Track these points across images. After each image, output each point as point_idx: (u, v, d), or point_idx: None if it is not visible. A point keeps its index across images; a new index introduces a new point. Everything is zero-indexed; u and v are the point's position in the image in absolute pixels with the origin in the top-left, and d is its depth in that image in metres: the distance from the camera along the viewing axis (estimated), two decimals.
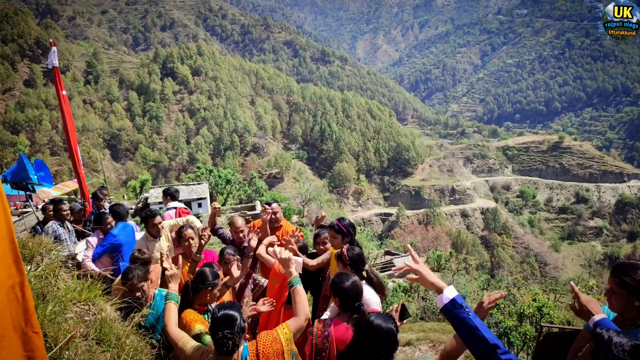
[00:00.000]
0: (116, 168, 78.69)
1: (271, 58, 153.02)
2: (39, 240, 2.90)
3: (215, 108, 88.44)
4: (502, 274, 55.47)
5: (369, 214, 78.84)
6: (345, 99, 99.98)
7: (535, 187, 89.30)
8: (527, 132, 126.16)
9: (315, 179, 78.86)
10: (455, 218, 78.62)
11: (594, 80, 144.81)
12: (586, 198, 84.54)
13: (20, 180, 6.15)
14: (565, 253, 73.31)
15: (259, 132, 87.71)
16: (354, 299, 2.64)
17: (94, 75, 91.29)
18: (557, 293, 10.27)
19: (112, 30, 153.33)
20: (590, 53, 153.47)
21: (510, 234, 75.11)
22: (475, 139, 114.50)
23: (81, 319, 2.21)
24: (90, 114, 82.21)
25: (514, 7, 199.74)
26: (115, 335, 2.20)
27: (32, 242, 2.84)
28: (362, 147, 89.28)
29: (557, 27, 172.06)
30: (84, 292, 2.45)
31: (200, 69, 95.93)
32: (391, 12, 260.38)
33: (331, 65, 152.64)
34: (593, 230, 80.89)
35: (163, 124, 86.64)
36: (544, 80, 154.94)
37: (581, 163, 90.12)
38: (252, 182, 51.73)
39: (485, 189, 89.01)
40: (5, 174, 6.49)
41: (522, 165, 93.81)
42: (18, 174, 6.15)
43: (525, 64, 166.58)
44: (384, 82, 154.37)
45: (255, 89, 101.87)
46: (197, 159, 75.27)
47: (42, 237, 3.04)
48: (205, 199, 35.58)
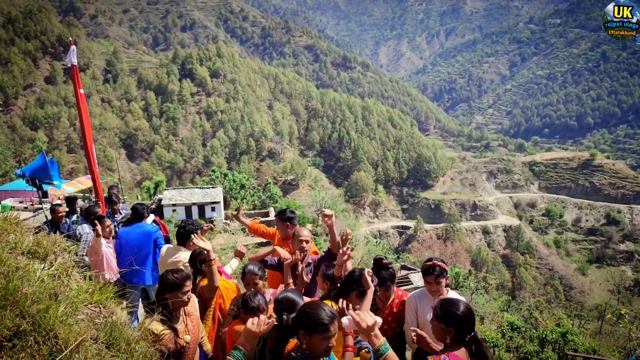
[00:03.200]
0: (131, 168, 79.14)
1: (291, 62, 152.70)
2: (54, 239, 2.90)
3: (233, 111, 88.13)
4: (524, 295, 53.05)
5: (385, 226, 77.19)
6: (366, 106, 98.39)
7: (563, 206, 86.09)
8: (556, 147, 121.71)
9: (331, 188, 77.72)
10: (476, 234, 76.26)
11: (630, 95, 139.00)
12: (617, 220, 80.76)
13: (39, 178, 6.34)
14: (593, 277, 69.67)
15: (276, 137, 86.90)
16: (471, 328, 2.38)
17: (112, 74, 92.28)
18: (583, 319, 9.80)
19: (133, 30, 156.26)
20: (627, 67, 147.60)
21: (534, 254, 72.25)
22: (500, 152, 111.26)
23: (92, 322, 2.21)
24: (108, 113, 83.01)
25: (546, 16, 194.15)
26: (125, 340, 2.18)
27: (47, 240, 2.83)
28: (382, 157, 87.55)
29: (592, 39, 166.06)
30: (96, 294, 2.44)
31: (219, 71, 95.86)
32: (416, 19, 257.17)
33: (352, 71, 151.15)
34: (624, 254, 76.80)
35: (180, 126, 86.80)
36: (577, 94, 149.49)
37: (613, 183, 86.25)
38: (267, 187, 51.52)
39: (508, 206, 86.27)
40: (23, 170, 6.65)
41: (549, 182, 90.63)
42: (38, 171, 6.35)
43: (557, 76, 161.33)
44: (406, 91, 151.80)
45: (273, 93, 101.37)
46: (212, 162, 75.08)
47: (56, 236, 3.00)
48: (219, 203, 35.32)
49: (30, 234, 2.92)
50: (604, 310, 15.84)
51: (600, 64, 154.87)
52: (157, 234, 5.11)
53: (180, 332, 2.91)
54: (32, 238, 2.76)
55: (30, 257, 2.60)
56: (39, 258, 2.61)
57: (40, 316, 1.81)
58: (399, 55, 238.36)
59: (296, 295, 2.74)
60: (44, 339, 1.76)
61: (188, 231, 4.25)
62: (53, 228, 5.38)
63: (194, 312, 3.15)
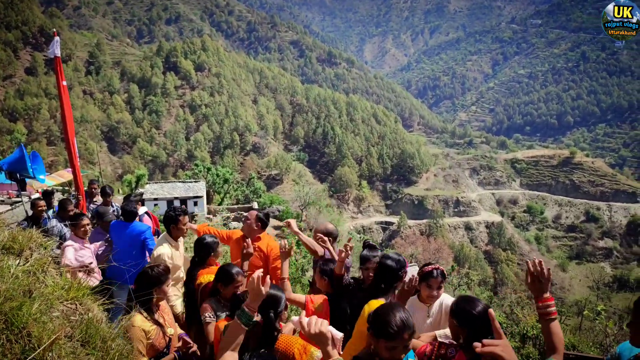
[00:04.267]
0: (112, 161, 77.65)
1: (276, 57, 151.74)
2: (30, 234, 2.79)
3: (217, 105, 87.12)
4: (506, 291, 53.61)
5: (369, 222, 77.18)
6: (350, 102, 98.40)
7: (544, 202, 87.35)
8: (538, 145, 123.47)
9: (315, 183, 77.49)
10: (458, 231, 76.91)
11: (608, 95, 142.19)
12: (597, 217, 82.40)
13: (17, 171, 6.24)
14: (573, 273, 70.73)
15: (260, 132, 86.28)
16: (487, 331, 2.14)
17: (95, 66, 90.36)
18: (563, 315, 9.48)
19: (117, 22, 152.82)
20: (606, 67, 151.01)
21: (516, 250, 73.29)
22: (482, 149, 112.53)
23: (67, 319, 2.14)
24: (90, 105, 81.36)
25: (528, 16, 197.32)
26: (101, 338, 2.12)
27: (22, 235, 2.73)
28: (366, 153, 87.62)
29: (572, 39, 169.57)
30: (72, 291, 2.36)
31: (204, 64, 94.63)
32: (401, 16, 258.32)
33: (337, 67, 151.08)
34: (603, 251, 78.46)
35: (163, 119, 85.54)
36: (557, 93, 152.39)
37: (592, 180, 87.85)
38: (251, 182, 50.81)
39: (491, 202, 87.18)
40: (1, 163, 6.56)
41: (530, 179, 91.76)
42: (15, 164, 6.24)
43: (538, 76, 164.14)
44: (390, 87, 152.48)
45: (258, 88, 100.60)
46: (195, 156, 74.12)
47: (32, 231, 2.88)
48: (202, 197, 34.87)
49: (5, 228, 2.85)
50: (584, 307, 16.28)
51: (580, 64, 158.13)
52: (147, 234, 4.92)
53: (164, 326, 2.93)
54: (7, 233, 2.67)
55: (5, 252, 2.50)
56: (14, 254, 2.53)
57: (13, 314, 1.76)
58: (383, 52, 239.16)
59: (277, 290, 2.55)
60: (16, 337, 1.71)
61: (176, 215, 4.19)
62: (33, 223, 5.21)
63: (164, 304, 3.15)
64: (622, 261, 76.23)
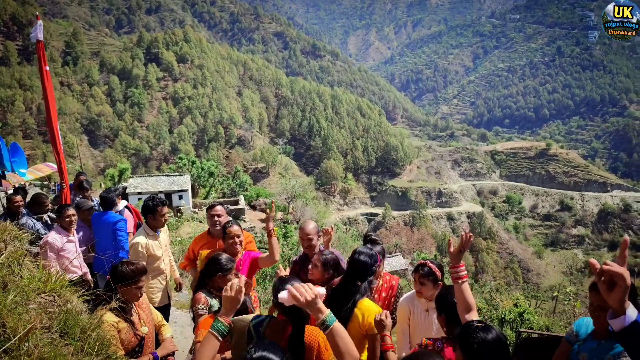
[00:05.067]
0: (94, 155, 76.00)
1: (260, 49, 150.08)
2: (4, 227, 2.76)
3: (201, 97, 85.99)
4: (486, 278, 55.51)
5: (355, 214, 77.95)
6: (335, 95, 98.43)
7: (522, 193, 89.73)
8: (516, 137, 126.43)
9: (301, 176, 77.46)
10: (441, 221, 78.44)
11: (582, 89, 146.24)
12: (570, 206, 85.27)
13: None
14: (548, 260, 73.45)
15: (245, 125, 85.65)
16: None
17: (72, 56, 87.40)
18: (539, 299, 10.14)
19: (94, 10, 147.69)
20: (580, 62, 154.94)
21: (495, 239, 75.22)
22: (464, 142, 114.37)
23: (44, 310, 2.11)
24: (68, 97, 78.90)
25: (507, 11, 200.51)
26: (80, 328, 2.12)
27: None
28: (351, 145, 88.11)
29: (549, 34, 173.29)
30: (50, 283, 2.33)
31: (186, 56, 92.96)
32: (384, 9, 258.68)
33: (322, 59, 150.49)
34: (575, 238, 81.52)
35: (145, 112, 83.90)
36: (534, 87, 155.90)
37: (567, 171, 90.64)
38: (236, 175, 50.45)
39: (472, 193, 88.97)
40: None
41: (509, 170, 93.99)
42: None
43: (516, 69, 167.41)
44: (374, 80, 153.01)
45: (242, 80, 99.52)
46: (179, 150, 73.19)
47: (7, 224, 2.85)
48: (186, 191, 34.60)
49: None
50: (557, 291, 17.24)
51: (556, 58, 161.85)
52: (119, 225, 4.80)
53: (136, 324, 2.83)
54: None
55: None
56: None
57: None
58: (367, 44, 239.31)
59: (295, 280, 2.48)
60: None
61: (154, 205, 4.16)
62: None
63: (143, 301, 3.02)
64: (594, 247, 79.46)
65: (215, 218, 4.19)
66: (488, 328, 1.96)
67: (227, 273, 3.08)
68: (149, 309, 3.10)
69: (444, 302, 2.48)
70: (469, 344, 1.90)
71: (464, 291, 2.38)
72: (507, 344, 1.96)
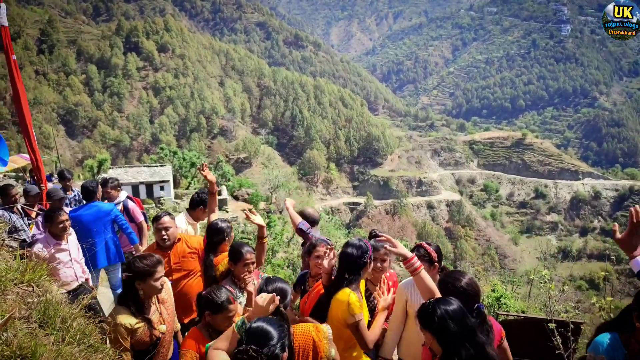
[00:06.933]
0: (71, 146, 74.38)
1: (242, 39, 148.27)
2: None
3: (182, 87, 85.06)
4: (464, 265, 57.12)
5: (337, 203, 78.93)
6: (318, 85, 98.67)
7: (499, 181, 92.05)
8: (493, 127, 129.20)
9: (284, 166, 77.81)
10: (421, 209, 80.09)
11: (555, 80, 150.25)
12: (544, 194, 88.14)
13: None
14: (524, 246, 75.98)
15: (228, 115, 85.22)
16: (474, 300, 2.24)
17: (48, 44, 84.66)
18: (515, 284, 10.60)
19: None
20: (554, 54, 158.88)
21: (474, 226, 77.60)
22: (443, 132, 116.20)
23: (23, 300, 2.09)
24: (44, 86, 76.82)
25: (484, 4, 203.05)
26: (60, 318, 2.08)
27: None
28: (333, 135, 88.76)
29: (524, 27, 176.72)
30: (28, 273, 2.30)
31: (167, 45, 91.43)
32: (366, 1, 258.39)
33: (304, 50, 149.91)
34: (549, 224, 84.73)
35: (125, 102, 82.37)
36: (511, 78, 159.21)
37: (541, 160, 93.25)
38: (219, 166, 49.94)
39: (451, 182, 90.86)
40: None
41: (487, 159, 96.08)
42: None
43: (494, 61, 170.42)
44: (356, 71, 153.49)
45: (224, 70, 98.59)
46: (160, 140, 72.40)
47: None
48: (168, 181, 34.19)
49: None
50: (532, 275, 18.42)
51: (531, 50, 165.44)
52: (115, 211, 4.72)
53: (155, 322, 2.69)
54: None
55: None
56: None
57: None
58: (349, 35, 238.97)
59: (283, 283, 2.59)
60: None
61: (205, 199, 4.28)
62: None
63: (168, 298, 2.90)
64: (566, 234, 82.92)
65: (162, 232, 3.54)
66: (443, 300, 2.02)
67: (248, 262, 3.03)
68: (172, 308, 2.97)
69: (450, 288, 2.36)
70: (430, 321, 1.97)
71: (424, 279, 2.43)
72: (465, 312, 2.01)
